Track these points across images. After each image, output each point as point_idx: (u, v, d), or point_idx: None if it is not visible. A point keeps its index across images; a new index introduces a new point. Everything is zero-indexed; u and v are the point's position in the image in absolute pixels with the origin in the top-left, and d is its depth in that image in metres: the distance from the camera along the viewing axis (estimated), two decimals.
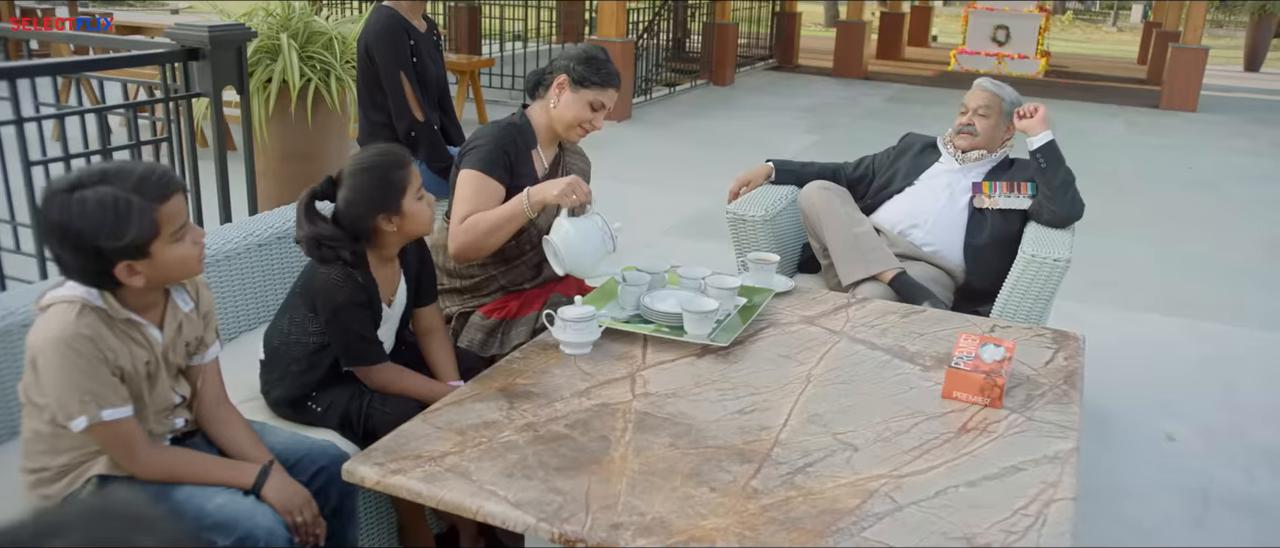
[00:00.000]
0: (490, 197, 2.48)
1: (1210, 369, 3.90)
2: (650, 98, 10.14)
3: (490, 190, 2.48)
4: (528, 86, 2.61)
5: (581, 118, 2.54)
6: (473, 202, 2.47)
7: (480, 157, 2.48)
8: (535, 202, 2.41)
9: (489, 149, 2.49)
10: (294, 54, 3.81)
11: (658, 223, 5.63)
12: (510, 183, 2.51)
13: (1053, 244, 2.86)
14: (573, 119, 2.54)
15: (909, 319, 2.53)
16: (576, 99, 2.53)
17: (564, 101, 2.53)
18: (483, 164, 2.48)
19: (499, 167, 2.49)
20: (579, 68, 2.51)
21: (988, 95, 3.22)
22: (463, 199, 2.48)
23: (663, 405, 2.00)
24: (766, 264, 2.65)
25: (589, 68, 2.52)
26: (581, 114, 2.54)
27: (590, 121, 2.56)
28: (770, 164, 3.47)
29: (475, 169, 2.48)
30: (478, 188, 2.47)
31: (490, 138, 2.51)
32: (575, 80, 2.51)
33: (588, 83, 2.52)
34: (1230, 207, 6.80)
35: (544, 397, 2.02)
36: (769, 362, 2.22)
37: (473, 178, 2.48)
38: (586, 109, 2.54)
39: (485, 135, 2.53)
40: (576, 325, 2.21)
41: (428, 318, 2.40)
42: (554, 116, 2.56)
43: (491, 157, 2.48)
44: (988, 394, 2.03)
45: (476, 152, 2.50)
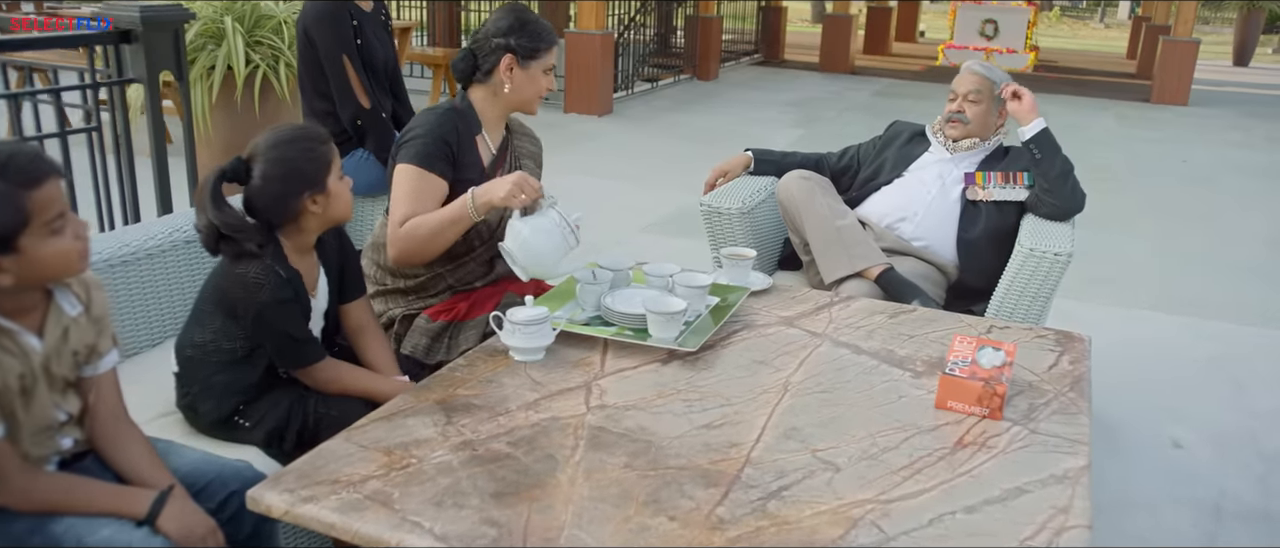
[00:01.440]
0: (431, 194, 2.25)
1: (1217, 370, 3.69)
2: (631, 93, 9.91)
3: (430, 188, 2.25)
4: (462, 74, 2.35)
5: (539, 90, 2.35)
6: (411, 202, 2.24)
7: (417, 150, 2.25)
8: (481, 204, 2.18)
9: (427, 141, 2.25)
10: (239, 39, 3.56)
11: (635, 220, 5.40)
12: (454, 176, 2.28)
13: (1052, 237, 2.64)
14: (532, 94, 2.34)
15: (898, 320, 2.31)
16: (530, 73, 2.32)
17: (519, 81, 2.31)
18: (421, 158, 2.24)
19: (440, 160, 2.25)
20: (523, 41, 2.29)
21: (978, 79, 2.99)
22: (400, 198, 2.25)
23: (620, 419, 1.77)
24: (742, 260, 2.43)
25: (531, 36, 2.30)
26: (538, 86, 2.34)
27: (547, 87, 2.37)
28: (749, 154, 3.24)
29: (412, 164, 2.25)
30: (416, 186, 2.24)
31: (428, 127, 2.28)
32: (524, 56, 2.28)
33: (537, 53, 2.31)
34: (1228, 201, 6.61)
35: (487, 410, 1.79)
36: (742, 368, 1.99)
37: (410, 174, 2.25)
38: (541, 78, 2.34)
39: (422, 125, 2.29)
40: (527, 329, 1.98)
41: (357, 315, 2.17)
42: (510, 99, 2.34)
43: (430, 149, 2.25)
44: (986, 404, 1.80)
45: (413, 144, 2.26)
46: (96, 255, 2.28)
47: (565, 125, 8.21)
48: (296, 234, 2.00)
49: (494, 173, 2.37)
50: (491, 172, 2.37)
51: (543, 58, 2.32)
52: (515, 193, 2.11)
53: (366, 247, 2.43)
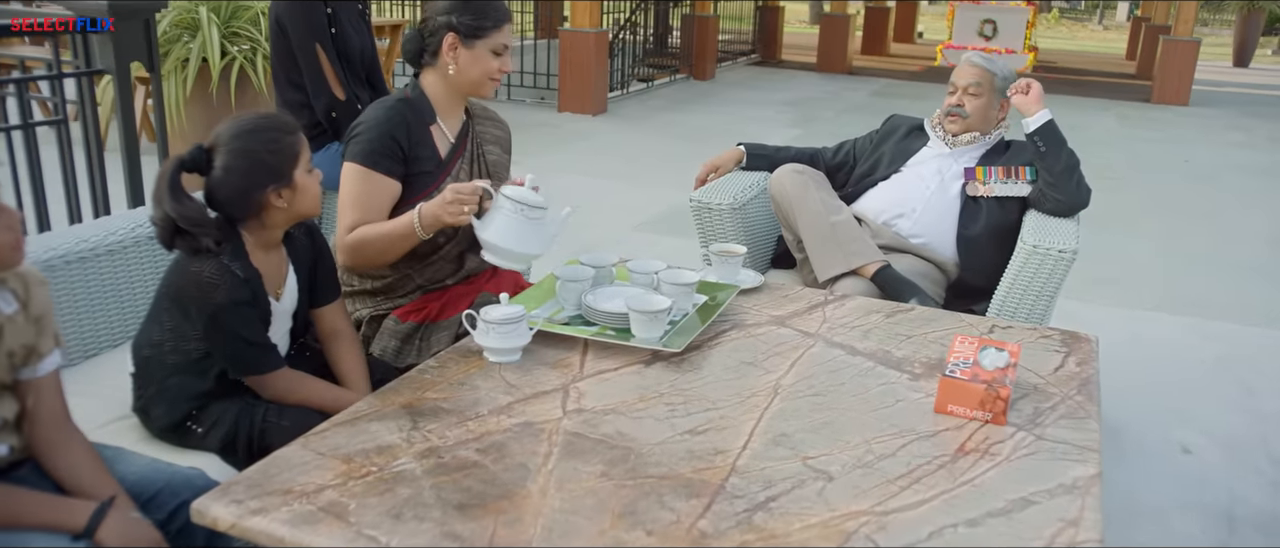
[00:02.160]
0: (378, 196, 2.13)
1: (1224, 372, 3.58)
2: (626, 92, 9.80)
3: (378, 189, 2.13)
4: (409, 55, 2.23)
5: (488, 71, 2.19)
6: (358, 207, 2.12)
7: (362, 148, 2.12)
8: (428, 224, 2.05)
9: (373, 138, 2.12)
10: (215, 29, 3.44)
11: (628, 219, 5.28)
12: (407, 171, 2.16)
13: (1057, 234, 2.53)
14: (480, 76, 2.19)
15: (895, 319, 2.19)
16: (475, 53, 2.17)
17: (463, 62, 2.17)
18: (366, 157, 2.12)
19: (387, 157, 2.13)
20: (465, 19, 2.15)
21: (978, 71, 2.88)
22: (346, 203, 2.13)
23: (598, 424, 1.65)
24: (732, 257, 2.31)
25: (475, 14, 2.16)
26: (487, 67, 2.19)
27: (498, 69, 2.21)
28: (741, 148, 3.13)
29: (358, 164, 2.12)
30: (362, 189, 2.12)
31: (374, 124, 2.14)
32: (467, 34, 2.15)
33: (481, 32, 2.16)
34: (1231, 200, 6.50)
35: (456, 414, 1.67)
36: (730, 370, 1.88)
37: (355, 176, 2.12)
38: (490, 58, 2.18)
39: (369, 121, 2.15)
40: (501, 328, 1.86)
41: (331, 319, 2.06)
42: (460, 83, 2.20)
43: (376, 147, 2.12)
44: (989, 408, 1.69)
45: (358, 142, 2.13)
46: (53, 251, 2.17)
47: (558, 124, 8.10)
48: (260, 230, 1.88)
49: (453, 163, 2.25)
50: (450, 162, 2.25)
51: (490, 37, 2.16)
52: (457, 211, 1.98)
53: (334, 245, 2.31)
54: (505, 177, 2.39)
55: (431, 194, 2.20)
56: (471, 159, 2.29)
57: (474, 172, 2.29)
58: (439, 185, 2.21)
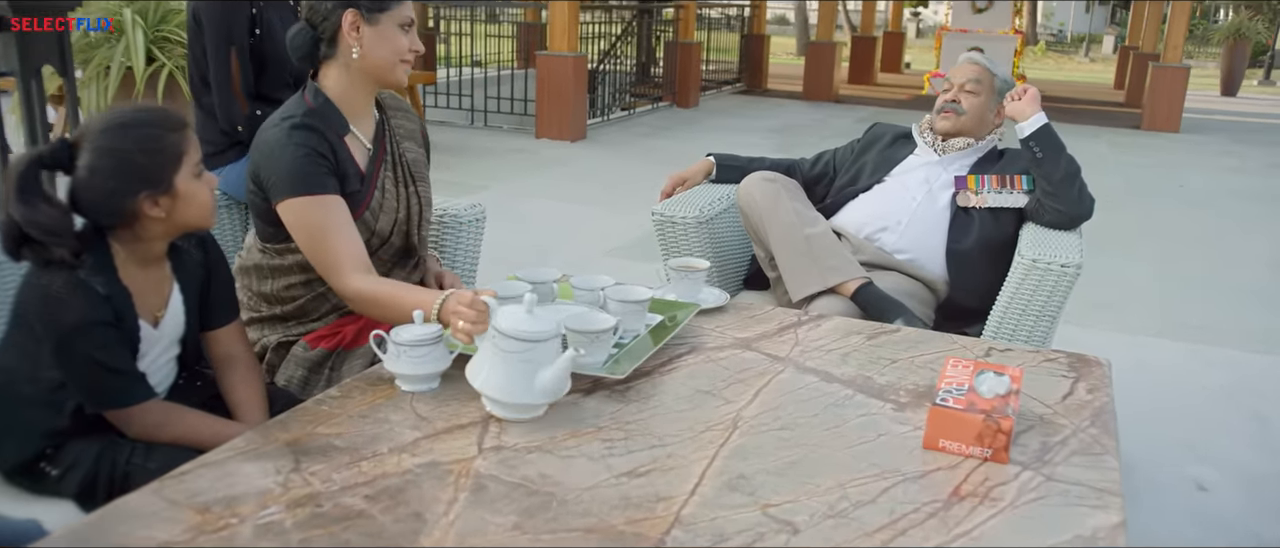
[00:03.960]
0: (341, 214, 1.83)
1: (1235, 402, 3.31)
2: (607, 120, 9.58)
3: (336, 209, 1.83)
4: (304, 54, 1.91)
5: (398, 50, 1.90)
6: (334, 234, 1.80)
7: (295, 175, 1.80)
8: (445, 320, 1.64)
9: (300, 160, 1.80)
10: (140, 33, 3.18)
11: (601, 243, 5.02)
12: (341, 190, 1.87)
13: (1058, 247, 2.27)
14: (391, 56, 1.89)
15: (878, 341, 1.92)
16: (381, 31, 1.87)
17: (370, 42, 1.87)
18: (307, 183, 1.80)
19: (323, 173, 1.83)
20: None
21: (978, 69, 2.64)
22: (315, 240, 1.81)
23: (518, 465, 1.37)
24: (692, 273, 2.04)
25: None
26: (397, 45, 1.89)
27: (409, 47, 1.91)
28: (711, 159, 2.87)
29: (301, 196, 1.80)
30: (323, 215, 1.81)
31: (289, 146, 1.81)
32: (369, 9, 1.86)
33: (385, 3, 1.87)
34: (1228, 225, 6.28)
35: (349, 453, 1.39)
36: (682, 400, 1.60)
37: (307, 209, 1.81)
38: (399, 35, 1.89)
39: (277, 148, 1.82)
40: (415, 352, 1.58)
41: (225, 343, 1.78)
42: (366, 67, 1.89)
43: (308, 166, 1.81)
44: (988, 443, 1.41)
45: (283, 174, 1.81)
46: None
47: (536, 151, 7.85)
48: (133, 242, 1.60)
49: (376, 174, 1.96)
50: (373, 173, 1.96)
51: (394, 9, 1.88)
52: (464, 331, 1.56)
53: (236, 270, 2.01)
54: (426, 174, 2.12)
55: (362, 215, 1.91)
56: (393, 163, 2.01)
57: (397, 176, 2.01)
58: (368, 204, 1.92)
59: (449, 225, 2.41)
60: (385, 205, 1.94)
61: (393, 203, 1.96)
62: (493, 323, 1.50)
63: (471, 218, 2.43)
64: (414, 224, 2.03)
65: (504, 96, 9.01)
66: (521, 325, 1.48)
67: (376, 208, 1.93)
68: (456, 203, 2.45)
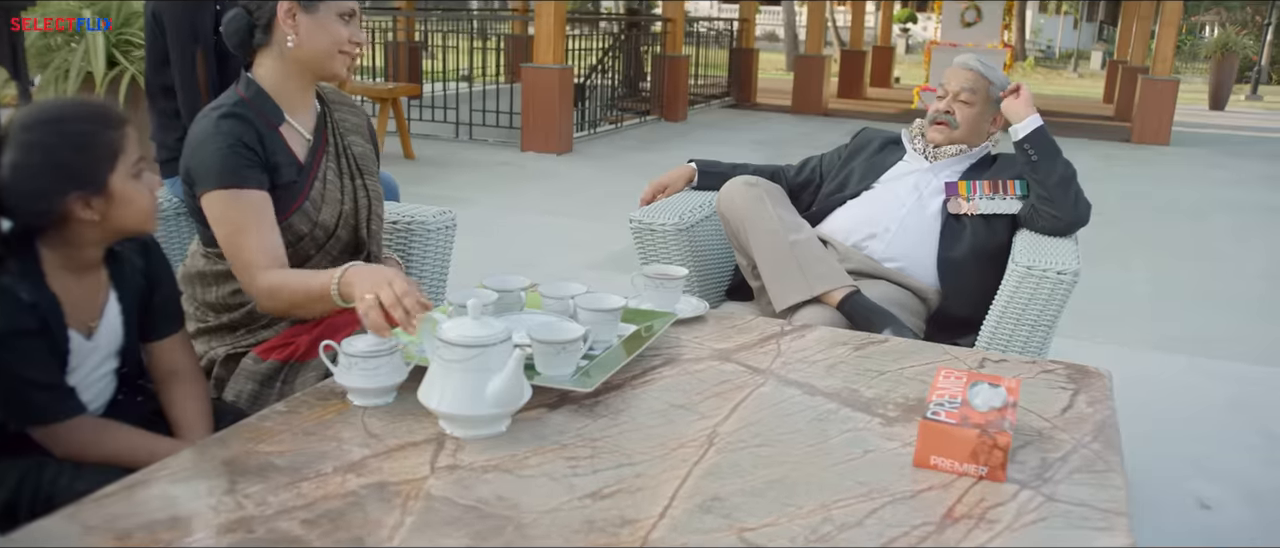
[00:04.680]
0: (261, 214, 1.74)
1: (1240, 416, 3.21)
2: (594, 133, 9.48)
3: (254, 207, 1.74)
4: (239, 42, 1.82)
5: (337, 40, 1.80)
6: (247, 234, 1.72)
7: (216, 168, 1.72)
8: (346, 293, 1.62)
9: (223, 152, 1.72)
10: (101, 37, 3.06)
11: (584, 256, 4.91)
12: (272, 186, 1.78)
13: (1053, 253, 2.17)
14: (328, 46, 1.79)
15: (865, 352, 1.81)
16: (320, 20, 1.78)
17: (306, 31, 1.78)
18: (226, 177, 1.72)
19: (247, 166, 1.74)
20: None
21: (973, 76, 2.53)
22: (230, 237, 1.74)
23: (473, 485, 1.26)
24: (669, 281, 1.93)
25: None
26: (336, 35, 1.79)
27: (350, 38, 1.82)
28: (692, 165, 2.77)
29: (220, 189, 1.73)
30: (239, 211, 1.73)
31: (215, 138, 1.73)
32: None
33: None
34: (1222, 237, 6.21)
35: (290, 473, 1.28)
36: (655, 415, 1.49)
37: (222, 203, 1.73)
38: (338, 24, 1.79)
39: (203, 138, 1.74)
40: (367, 364, 1.47)
41: (169, 355, 1.66)
42: (302, 57, 1.80)
43: (230, 160, 1.72)
44: (984, 460, 1.31)
45: (205, 166, 1.73)
46: None
47: (521, 163, 7.75)
48: (64, 246, 1.49)
49: (316, 164, 1.86)
50: (313, 163, 1.86)
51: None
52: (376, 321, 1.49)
53: (180, 278, 1.90)
54: (375, 169, 2.01)
55: (302, 206, 1.82)
56: (337, 155, 1.91)
57: (341, 168, 1.91)
58: (308, 194, 1.83)
59: (417, 233, 2.30)
60: (328, 197, 1.85)
61: (337, 194, 1.87)
62: (438, 333, 1.39)
63: (440, 225, 2.32)
64: (363, 219, 1.93)
65: (490, 110, 8.91)
66: (466, 331, 1.37)
67: (318, 199, 1.84)
68: (425, 210, 2.34)
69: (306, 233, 1.82)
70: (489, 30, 14.36)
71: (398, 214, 2.32)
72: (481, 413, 1.37)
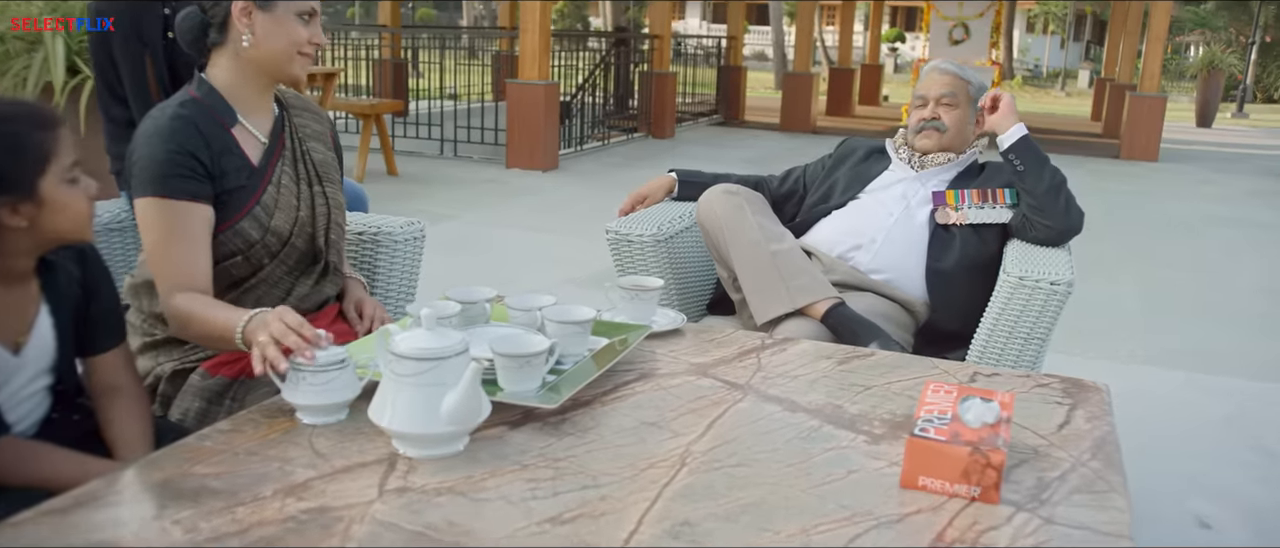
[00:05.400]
0: (190, 231, 1.64)
1: (1237, 432, 3.13)
2: (581, 150, 9.41)
3: (185, 221, 1.64)
4: (193, 40, 1.73)
5: (296, 41, 1.70)
6: (169, 250, 1.63)
7: (150, 174, 1.63)
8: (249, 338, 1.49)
9: (160, 158, 1.62)
10: (61, 44, 2.97)
11: (565, 272, 4.82)
12: (218, 189, 1.69)
13: (1046, 263, 2.08)
14: (285, 47, 1.70)
15: (850, 366, 1.72)
16: (277, 18, 1.69)
17: (263, 30, 1.68)
18: (158, 184, 1.62)
19: (185, 177, 1.64)
20: None
21: (951, 79, 2.46)
22: (157, 248, 1.64)
23: (423, 509, 1.16)
24: (645, 292, 1.84)
25: None
26: (294, 35, 1.70)
27: (309, 40, 1.72)
28: (672, 175, 2.68)
29: (151, 196, 1.63)
30: (166, 225, 1.63)
31: (156, 139, 1.63)
32: None
33: None
34: (1213, 252, 6.14)
35: (226, 496, 1.18)
36: (625, 433, 1.39)
37: (151, 211, 1.63)
38: (297, 24, 1.70)
39: (147, 137, 1.65)
40: (317, 379, 1.37)
41: (108, 371, 1.56)
42: (258, 58, 1.71)
43: (167, 167, 1.62)
44: (976, 480, 1.21)
45: (142, 168, 1.64)
46: None
47: (506, 180, 7.66)
48: None
49: (271, 167, 1.77)
50: (268, 166, 1.76)
51: None
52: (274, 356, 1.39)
53: (125, 289, 1.81)
54: (336, 177, 1.92)
55: (252, 210, 1.72)
56: (295, 160, 1.82)
57: (299, 174, 1.81)
58: (260, 199, 1.73)
59: (383, 244, 2.21)
60: (282, 202, 1.75)
61: (292, 200, 1.77)
62: (389, 347, 1.29)
63: (408, 236, 2.22)
64: (321, 227, 1.83)
65: (475, 127, 8.83)
66: (419, 344, 1.27)
67: (270, 204, 1.74)
68: (392, 220, 2.25)
69: (258, 239, 1.72)
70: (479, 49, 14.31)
71: (364, 225, 2.22)
72: (435, 431, 1.27)
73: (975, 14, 13.57)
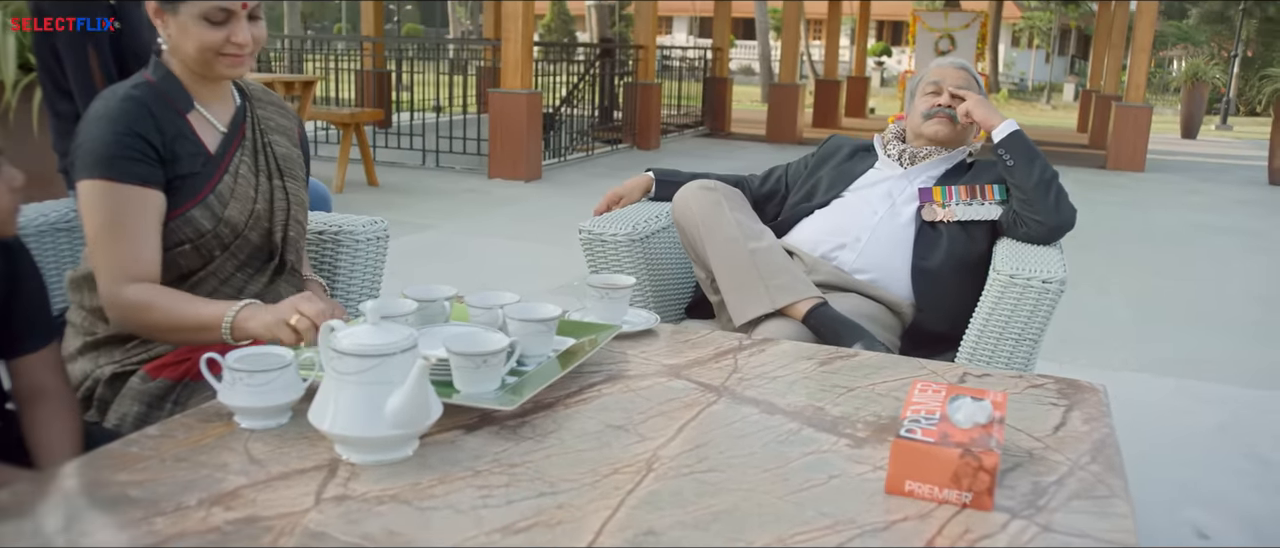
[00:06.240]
0: (138, 216, 1.55)
1: (1232, 440, 3.04)
2: (565, 160, 9.32)
3: (133, 207, 1.55)
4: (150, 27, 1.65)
5: (207, 44, 1.59)
6: (115, 237, 1.53)
7: (97, 156, 1.54)
8: (241, 333, 1.47)
9: (108, 139, 1.54)
10: (11, 39, 2.86)
11: (545, 280, 4.72)
12: (171, 173, 1.60)
13: (1038, 261, 1.99)
14: (199, 50, 1.59)
15: (832, 367, 1.62)
16: (181, 22, 1.58)
17: (174, 33, 1.59)
18: (105, 166, 1.53)
19: (135, 159, 1.54)
20: None
21: (965, 75, 2.41)
22: (97, 236, 1.55)
23: (362, 519, 1.05)
24: (615, 291, 1.74)
25: None
26: (203, 39, 1.58)
27: (226, 42, 1.60)
28: (650, 175, 2.58)
29: (96, 179, 1.54)
30: (112, 209, 1.53)
31: (105, 120, 1.55)
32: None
33: None
34: (1202, 260, 6.08)
35: (146, 506, 1.07)
36: (588, 437, 1.29)
37: (96, 195, 1.54)
38: (204, 29, 1.58)
39: (96, 118, 1.57)
40: (255, 380, 1.27)
41: (35, 372, 1.46)
42: (178, 58, 1.63)
43: (115, 148, 1.53)
44: (968, 485, 1.11)
45: (88, 149, 1.54)
46: None
47: (488, 190, 7.56)
48: None
49: (228, 156, 1.68)
50: (225, 155, 1.67)
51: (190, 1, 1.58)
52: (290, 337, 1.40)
53: (67, 283, 1.71)
54: (300, 174, 1.82)
55: (205, 199, 1.62)
56: (255, 151, 1.72)
57: (258, 165, 1.72)
58: (214, 188, 1.63)
59: (345, 243, 2.11)
60: (238, 193, 1.66)
61: (249, 191, 1.68)
62: (330, 343, 1.19)
63: (371, 236, 2.12)
64: (279, 222, 1.73)
65: (458, 137, 8.74)
66: (362, 339, 1.17)
67: (225, 193, 1.65)
68: (354, 219, 2.14)
69: (210, 229, 1.62)
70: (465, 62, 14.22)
71: (325, 223, 2.12)
72: (379, 435, 1.16)
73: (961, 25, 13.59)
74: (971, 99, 2.30)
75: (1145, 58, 10.54)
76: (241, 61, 1.61)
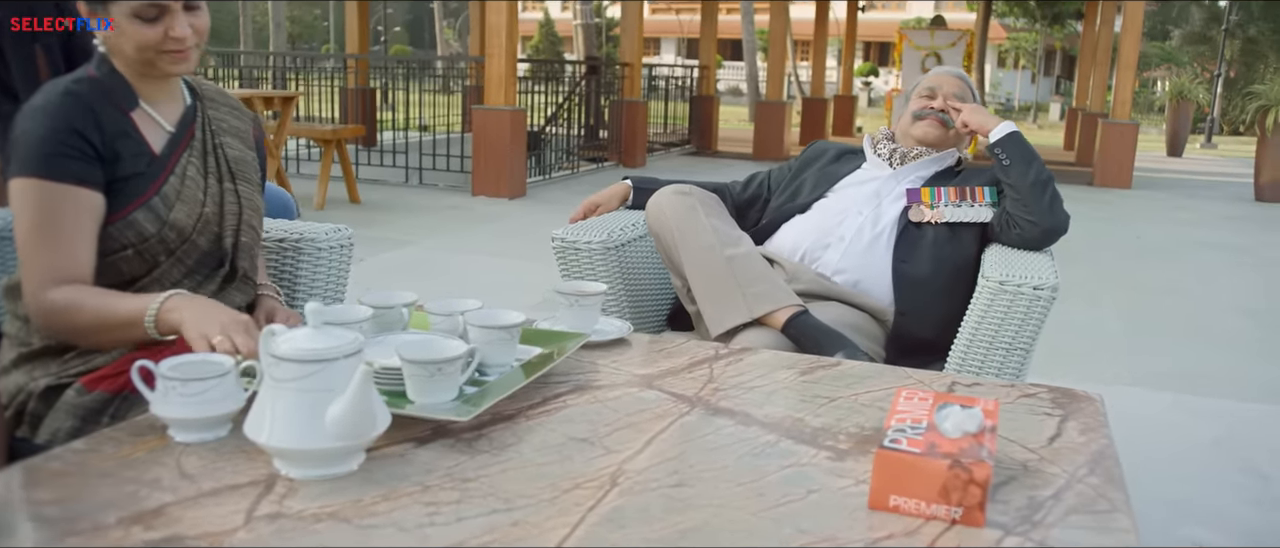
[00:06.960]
0: (73, 217, 1.46)
1: (1228, 455, 2.96)
2: (550, 178, 9.24)
3: (68, 207, 1.46)
4: None
5: (143, 42, 1.49)
6: (46, 237, 1.44)
7: (31, 152, 1.45)
8: (165, 326, 1.39)
9: (43, 135, 1.45)
10: None
11: (525, 297, 4.62)
12: (112, 174, 1.51)
13: (1028, 267, 1.91)
14: (137, 49, 1.49)
15: (812, 376, 1.54)
16: (117, 22, 1.49)
17: (111, 34, 1.50)
18: (39, 163, 1.44)
19: (72, 157, 1.46)
20: None
21: (962, 85, 2.35)
22: (29, 234, 1.45)
23: (297, 537, 0.96)
24: (586, 298, 1.66)
25: None
26: (138, 36, 1.48)
27: (165, 38, 1.50)
28: (627, 183, 2.50)
29: (29, 177, 1.45)
30: (44, 208, 1.44)
31: (41, 115, 1.46)
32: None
33: None
34: (1191, 275, 6.03)
35: (61, 525, 0.98)
36: (549, 450, 1.20)
37: (28, 193, 1.45)
38: (142, 27, 1.48)
39: (33, 112, 1.48)
40: (190, 390, 1.18)
41: None
42: (125, 60, 1.54)
43: (51, 146, 1.45)
44: (957, 499, 1.03)
45: (23, 145, 1.46)
46: None
47: (470, 207, 7.47)
48: None
49: (175, 157, 1.59)
50: (171, 156, 1.58)
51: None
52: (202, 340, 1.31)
53: (2, 291, 1.62)
54: (254, 178, 1.73)
55: (149, 201, 1.53)
56: (205, 152, 1.63)
57: (208, 167, 1.63)
58: (159, 189, 1.54)
59: (306, 252, 2.01)
60: (185, 195, 1.57)
61: (197, 194, 1.59)
62: (268, 348, 1.10)
63: (334, 243, 2.03)
64: (229, 227, 1.64)
65: (441, 155, 8.65)
66: (301, 344, 1.08)
67: (171, 195, 1.56)
68: (317, 226, 2.05)
69: (154, 233, 1.53)
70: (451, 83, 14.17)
71: (285, 231, 2.03)
72: (319, 447, 1.07)
73: (947, 43, 13.59)
74: (968, 108, 2.23)
75: (1131, 74, 10.53)
76: (185, 56, 1.52)
